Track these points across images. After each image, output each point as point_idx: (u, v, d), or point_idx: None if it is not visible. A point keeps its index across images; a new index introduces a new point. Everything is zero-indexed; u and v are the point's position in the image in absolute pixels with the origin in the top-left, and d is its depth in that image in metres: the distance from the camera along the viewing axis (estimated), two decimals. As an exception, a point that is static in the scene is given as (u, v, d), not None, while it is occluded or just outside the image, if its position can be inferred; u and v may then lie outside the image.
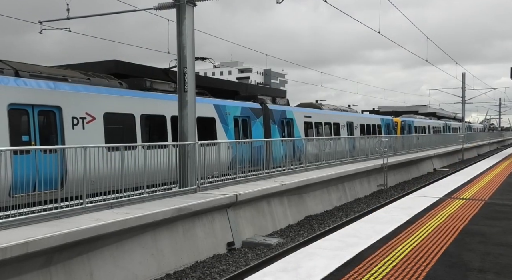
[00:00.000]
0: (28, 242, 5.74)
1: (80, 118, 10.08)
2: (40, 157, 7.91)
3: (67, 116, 9.83)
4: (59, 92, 9.76)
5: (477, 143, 45.10)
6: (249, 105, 16.23)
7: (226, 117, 14.68)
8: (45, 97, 9.43)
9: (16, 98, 8.90)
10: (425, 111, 50.82)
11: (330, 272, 4.80)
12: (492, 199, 9.90)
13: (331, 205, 14.68)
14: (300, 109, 20.32)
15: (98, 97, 10.59)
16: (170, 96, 12.65)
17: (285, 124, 18.18)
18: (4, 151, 6.49)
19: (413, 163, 24.20)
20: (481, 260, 5.32)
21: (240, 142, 12.51)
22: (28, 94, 9.14)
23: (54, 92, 9.67)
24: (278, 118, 17.67)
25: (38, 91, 9.34)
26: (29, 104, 9.15)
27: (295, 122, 18.78)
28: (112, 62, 14.38)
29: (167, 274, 7.92)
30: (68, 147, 7.91)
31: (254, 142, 13.28)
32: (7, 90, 8.76)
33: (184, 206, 8.44)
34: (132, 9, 12.27)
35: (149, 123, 12.01)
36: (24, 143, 8.97)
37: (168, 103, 12.33)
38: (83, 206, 7.55)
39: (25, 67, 10.05)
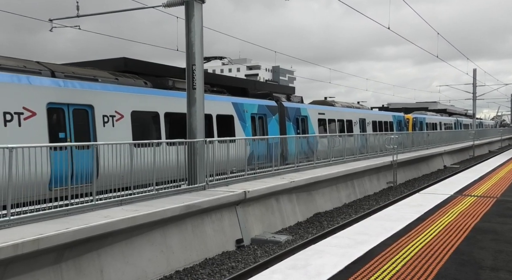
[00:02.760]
0: (39, 239, 5.80)
1: (110, 116, 10.65)
2: (75, 153, 8.32)
3: (99, 114, 10.41)
4: (91, 91, 10.33)
5: (488, 139, 44.54)
6: (265, 102, 16.64)
7: (243, 115, 15.13)
8: (79, 97, 10.01)
9: (54, 98, 9.52)
10: (435, 108, 50.35)
11: (339, 270, 4.76)
12: (504, 196, 9.76)
13: (340, 202, 14.62)
14: (314, 107, 20.57)
15: (126, 96, 11.14)
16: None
17: (299, 121, 18.57)
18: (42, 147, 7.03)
19: (423, 160, 23.98)
20: (494, 258, 5.25)
21: (257, 139, 12.90)
22: (64, 94, 9.75)
23: (87, 91, 10.25)
24: (293, 116, 18.03)
25: (72, 91, 9.93)
26: (65, 103, 9.77)
27: (309, 119, 19.16)
28: (122, 60, 14.44)
29: (176, 271, 7.95)
30: (100, 144, 8.27)
31: (270, 139, 13.59)
32: (46, 90, 9.40)
33: (193, 203, 8.46)
34: (141, 7, 12.30)
35: (172, 120, 12.45)
36: (60, 140, 9.57)
37: None
38: (93, 203, 7.61)
39: (60, 68, 10.68)
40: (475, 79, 43.30)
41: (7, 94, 8.74)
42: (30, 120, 9.06)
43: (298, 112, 18.50)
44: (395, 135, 20.19)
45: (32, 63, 10.25)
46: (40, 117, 9.22)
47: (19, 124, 8.85)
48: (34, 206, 6.87)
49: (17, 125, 8.82)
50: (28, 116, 9.03)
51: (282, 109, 17.58)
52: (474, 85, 43.65)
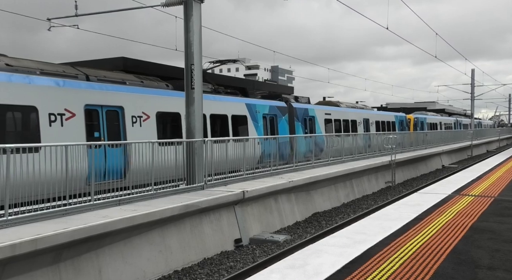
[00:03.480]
0: (37, 239, 5.79)
1: (138, 117, 11.41)
2: (108, 151, 9.03)
3: (128, 115, 11.21)
4: (121, 94, 11.11)
5: (486, 139, 44.63)
6: (275, 103, 17.44)
7: (256, 115, 15.97)
8: (111, 99, 10.82)
9: (90, 100, 10.32)
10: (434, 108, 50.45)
11: (337, 269, 4.78)
12: (502, 196, 9.79)
13: (339, 202, 14.64)
14: (321, 107, 21.35)
15: (152, 98, 11.93)
16: (208, 96, 13.87)
17: (307, 121, 19.39)
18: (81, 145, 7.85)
19: (422, 160, 24.03)
20: (491, 257, 5.27)
21: (269, 138, 13.65)
22: (98, 96, 10.55)
23: (118, 94, 11.01)
24: (301, 116, 18.87)
25: (105, 93, 10.73)
26: (99, 104, 10.59)
27: (316, 119, 20.02)
28: (120, 59, 14.45)
29: (175, 271, 7.96)
30: (130, 142, 9.03)
31: (280, 138, 14.27)
32: (83, 93, 10.22)
33: (192, 203, 8.46)
34: (140, 6, 12.29)
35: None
36: (95, 139, 10.32)
37: (208, 102, 13.49)
38: (91, 203, 7.61)
39: (94, 72, 11.48)
40: (473, 79, 43.39)
41: (52, 97, 9.54)
42: (71, 121, 9.86)
43: (306, 112, 19.27)
44: (393, 135, 20.26)
45: (69, 68, 11.05)
46: (78, 118, 10.01)
47: (62, 124, 9.68)
48: (32, 206, 6.87)
49: (60, 125, 9.64)
50: (69, 117, 9.84)
51: (291, 110, 18.26)
52: (472, 85, 43.74)
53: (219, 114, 14.14)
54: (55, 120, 9.51)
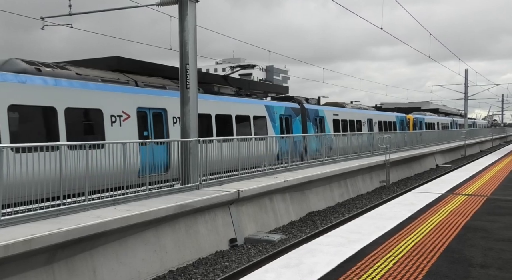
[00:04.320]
0: (31, 239, 5.77)
1: (177, 118, 12.34)
2: (155, 147, 9.97)
3: (170, 116, 12.58)
4: (164, 97, 12.52)
5: (479, 139, 44.95)
6: (290, 105, 18.85)
7: (274, 116, 17.38)
8: (156, 102, 12.24)
9: (141, 103, 11.78)
10: (428, 108, 50.73)
11: (332, 268, 4.80)
12: (495, 195, 9.87)
13: (334, 201, 14.68)
14: (329, 108, 22.79)
15: (160, 100, 12.68)
16: (233, 99, 15.63)
17: (318, 121, 20.82)
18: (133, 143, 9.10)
19: (416, 159, 24.16)
20: (483, 255, 5.31)
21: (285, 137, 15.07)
22: (147, 100, 11.99)
23: (161, 98, 12.44)
24: (313, 116, 20.31)
25: (152, 97, 12.16)
26: (147, 107, 11.98)
27: (325, 119, 21.47)
28: (115, 59, 14.37)
29: (170, 271, 7.95)
30: (172, 140, 10.41)
31: (294, 136, 15.55)
32: (136, 98, 11.67)
33: (186, 203, 8.45)
34: (135, 5, 12.25)
35: (221, 121, 14.63)
36: (145, 137, 11.70)
37: (233, 105, 15.28)
38: (85, 203, 7.58)
39: (140, 79, 12.94)
40: (466, 79, 43.68)
41: (112, 101, 10.97)
42: (127, 121, 11.30)
43: (317, 113, 20.68)
44: (387, 134, 20.38)
45: (121, 75, 12.45)
46: (132, 119, 11.43)
47: (120, 124, 11.11)
48: (25, 207, 6.83)
49: (119, 125, 11.08)
50: (125, 118, 11.28)
51: (304, 111, 19.57)
52: (465, 85, 44.03)
53: (242, 115, 15.63)
54: (115, 121, 11.00)
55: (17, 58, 10.02)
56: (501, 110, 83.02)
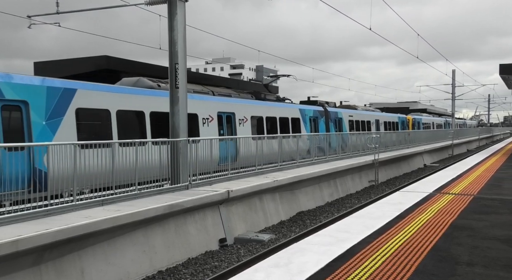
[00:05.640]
0: (17, 240, 5.70)
1: (241, 120, 16.21)
2: (228, 143, 12.65)
3: (237, 118, 16.02)
4: (232, 104, 15.99)
5: (466, 138, 45.56)
6: (317, 108, 22.40)
7: (305, 118, 20.79)
8: (228, 107, 15.69)
9: (219, 108, 15.19)
10: (416, 108, 51.30)
11: (321, 268, 4.83)
12: (481, 194, 10.03)
13: (323, 201, 14.76)
14: (346, 110, 26.03)
15: (247, 106, 16.81)
16: (276, 103, 19.28)
17: (337, 122, 24.07)
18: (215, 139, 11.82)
19: (404, 159, 24.39)
20: (470, 253, 5.40)
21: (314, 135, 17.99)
22: (223, 106, 15.38)
23: (231, 104, 15.90)
24: (333, 118, 23.65)
25: (225, 104, 15.62)
26: (223, 111, 15.41)
27: (343, 120, 24.73)
28: (103, 58, 14.27)
29: (159, 271, 7.92)
30: (240, 137, 13.03)
31: (320, 135, 18.29)
32: (216, 104, 15.10)
33: (176, 203, 8.43)
34: (123, 4, 12.17)
35: (269, 122, 18.15)
36: (221, 135, 15.02)
37: (276, 108, 18.76)
38: (73, 203, 7.51)
39: (215, 89, 16.65)
40: (454, 79, 44.23)
41: (203, 107, 14.29)
42: (211, 123, 14.62)
43: (336, 115, 24.02)
44: (376, 134, 20.58)
45: (203, 87, 15.93)
46: (215, 121, 14.79)
47: (208, 125, 14.42)
48: (12, 207, 6.75)
49: (207, 125, 14.40)
50: (210, 120, 14.59)
51: (327, 113, 22.94)
52: (453, 86, 44.58)
53: (283, 117, 19.04)
54: (205, 122, 14.32)
55: (144, 77, 13.70)
56: (488, 110, 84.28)
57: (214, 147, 11.19)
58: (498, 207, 8.50)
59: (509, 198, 9.56)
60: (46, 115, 9.58)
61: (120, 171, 8.37)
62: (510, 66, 19.96)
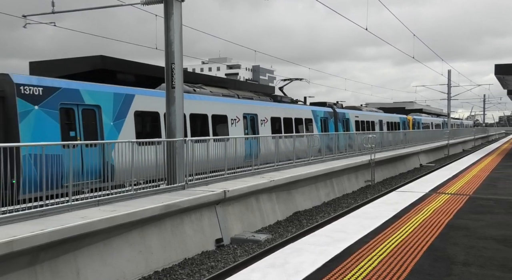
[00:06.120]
0: (12, 241, 5.66)
1: (262, 120, 17.93)
2: (251, 141, 13.98)
3: (259, 119, 17.74)
4: (255, 106, 17.73)
5: (462, 138, 45.75)
6: (327, 109, 24.09)
7: (317, 118, 22.48)
8: (252, 109, 17.43)
9: (244, 110, 16.94)
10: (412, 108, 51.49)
11: (317, 268, 4.83)
12: (477, 194, 10.07)
13: (320, 200, 14.77)
14: (352, 111, 27.54)
15: (268, 108, 18.60)
16: (292, 105, 21.14)
17: (345, 122, 25.49)
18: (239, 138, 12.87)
19: (400, 159, 24.45)
20: (466, 253, 5.42)
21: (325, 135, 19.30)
22: (247, 108, 17.15)
23: (254, 106, 17.69)
24: (341, 118, 25.20)
25: (249, 106, 17.41)
26: (248, 113, 17.16)
27: (350, 121, 26.18)
28: (99, 58, 14.20)
29: (155, 271, 7.89)
30: (260, 136, 14.77)
31: (330, 134, 19.77)
32: (242, 106, 16.81)
33: (172, 203, 8.40)
34: (119, 4, 12.12)
35: (285, 122, 19.77)
36: (246, 134, 16.61)
37: (292, 110, 20.50)
38: (69, 203, 7.48)
39: (240, 93, 18.35)
40: (449, 79, 44.40)
41: (231, 109, 15.98)
42: (238, 123, 16.30)
43: (344, 115, 25.57)
44: (373, 134, 20.61)
45: (229, 91, 17.68)
46: (241, 121, 16.45)
47: (235, 125, 16.08)
48: (7, 207, 6.70)
49: (235, 125, 16.05)
50: (237, 121, 16.27)
51: (336, 114, 24.50)
52: (448, 86, 44.75)
53: (298, 118, 20.73)
54: (233, 123, 15.93)
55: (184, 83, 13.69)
56: (483, 110, 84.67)
57: (240, 145, 12.67)
58: (494, 207, 8.53)
59: (504, 198, 9.61)
60: (113, 117, 11.36)
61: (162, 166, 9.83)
62: (505, 67, 20.05)
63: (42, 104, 9.75)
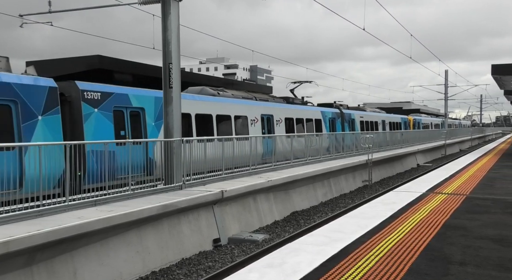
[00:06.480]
0: (9, 241, 5.64)
1: (277, 121, 19.21)
2: (267, 140, 15.41)
3: (274, 119, 18.98)
4: (270, 107, 19.03)
5: (459, 139, 45.89)
6: (334, 110, 25.39)
7: (325, 119, 23.80)
8: (268, 110, 18.74)
9: (262, 111, 18.29)
10: (409, 108, 51.66)
11: (315, 268, 4.83)
12: (473, 194, 10.10)
13: (317, 200, 14.78)
14: (358, 112, 28.86)
15: (282, 109, 19.87)
16: (305, 107, 22.68)
17: (350, 122, 26.83)
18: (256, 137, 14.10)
19: (398, 159, 24.50)
20: (462, 253, 5.43)
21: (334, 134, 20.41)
22: (264, 109, 18.49)
23: (270, 107, 18.96)
24: (348, 119, 26.55)
25: (266, 107, 18.66)
26: (264, 114, 18.42)
27: (355, 121, 27.55)
28: (96, 57, 14.17)
29: (153, 272, 7.88)
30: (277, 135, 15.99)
31: (337, 134, 20.51)
32: (260, 108, 18.22)
33: (170, 203, 8.39)
34: (117, 4, 12.10)
35: (298, 122, 21.05)
36: (263, 133, 17.93)
37: (305, 111, 21.99)
38: (66, 204, 7.46)
39: (257, 95, 19.69)
40: (446, 80, 44.52)
41: (251, 110, 17.40)
42: (256, 123, 17.64)
43: (350, 116, 26.85)
44: (370, 134, 20.66)
45: (248, 94, 19.07)
46: (259, 122, 17.86)
47: (254, 125, 17.38)
48: (3, 208, 6.68)
49: (254, 125, 17.35)
50: (256, 121, 17.63)
51: (342, 115, 25.84)
52: (445, 86, 44.88)
53: (309, 118, 22.12)
54: (252, 123, 17.32)
55: (207, 87, 16.73)
56: (480, 110, 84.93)
57: (258, 144, 13.96)
58: (491, 206, 8.56)
59: (501, 197, 9.64)
60: (154, 118, 12.65)
61: None
62: (502, 67, 20.11)
63: (100, 107, 11.11)
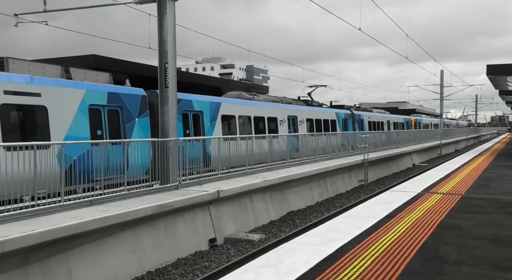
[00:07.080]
0: (3, 241, 5.60)
1: (300, 121, 21.08)
2: (291, 139, 16.91)
3: (298, 120, 20.79)
4: (294, 109, 20.97)
5: (454, 138, 46.09)
6: (346, 111, 27.60)
7: (339, 120, 25.94)
8: (293, 112, 20.63)
9: (288, 113, 20.19)
10: (405, 108, 51.86)
11: (310, 267, 4.84)
12: (469, 193, 10.14)
13: (313, 200, 14.80)
14: (366, 113, 30.87)
15: (304, 111, 21.83)
16: (322, 109, 24.73)
17: (360, 122, 28.81)
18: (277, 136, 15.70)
19: (393, 159, 24.58)
20: (457, 252, 5.45)
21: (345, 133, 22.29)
22: (290, 111, 20.41)
23: (294, 109, 20.93)
24: (357, 119, 28.54)
25: (291, 110, 20.64)
26: (290, 115, 20.25)
27: (364, 121, 29.55)
28: (92, 57, 14.15)
29: (148, 271, 7.86)
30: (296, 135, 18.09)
31: (349, 133, 22.47)
32: (286, 110, 20.12)
33: (166, 203, 8.37)
34: (112, 3, 12.05)
35: (317, 123, 22.91)
36: (288, 132, 19.78)
37: (323, 112, 24.04)
38: (61, 204, 7.42)
39: (282, 99, 21.94)
40: (442, 80, 44.69)
41: (279, 112, 19.44)
42: (284, 124, 19.57)
43: (359, 117, 28.90)
44: (366, 134, 20.71)
45: (275, 97, 21.40)
46: (286, 122, 19.75)
47: (282, 126, 19.45)
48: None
49: (281, 126, 19.41)
50: (284, 122, 19.58)
51: (353, 116, 27.97)
52: (441, 86, 45.05)
53: (326, 119, 24.10)
54: (281, 124, 19.35)
55: (244, 92, 19.33)
56: (475, 110, 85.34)
57: (284, 141, 15.73)
58: (486, 206, 8.60)
59: (496, 197, 9.69)
60: (210, 119, 14.83)
61: None
62: (497, 67, 20.21)
63: None
